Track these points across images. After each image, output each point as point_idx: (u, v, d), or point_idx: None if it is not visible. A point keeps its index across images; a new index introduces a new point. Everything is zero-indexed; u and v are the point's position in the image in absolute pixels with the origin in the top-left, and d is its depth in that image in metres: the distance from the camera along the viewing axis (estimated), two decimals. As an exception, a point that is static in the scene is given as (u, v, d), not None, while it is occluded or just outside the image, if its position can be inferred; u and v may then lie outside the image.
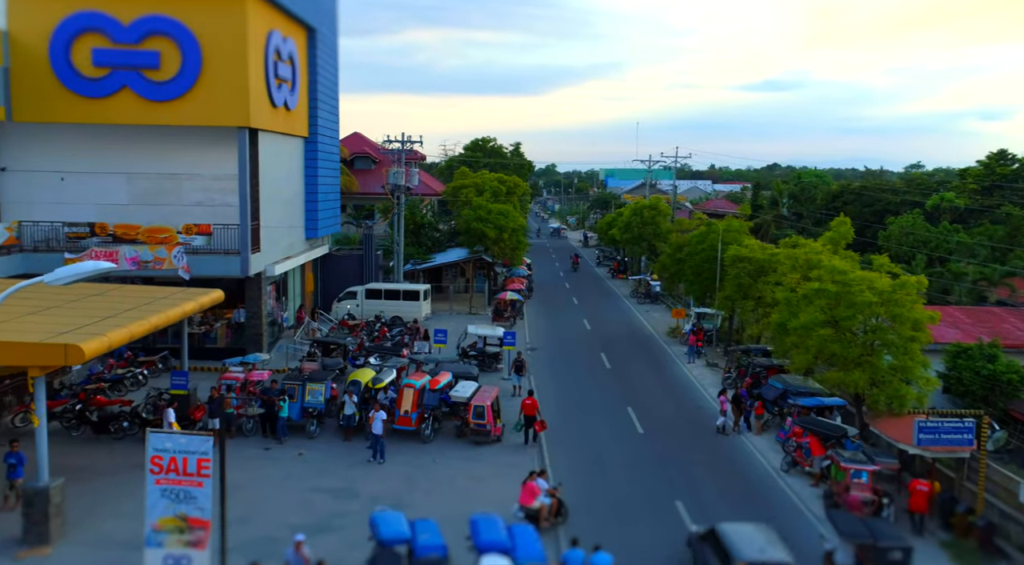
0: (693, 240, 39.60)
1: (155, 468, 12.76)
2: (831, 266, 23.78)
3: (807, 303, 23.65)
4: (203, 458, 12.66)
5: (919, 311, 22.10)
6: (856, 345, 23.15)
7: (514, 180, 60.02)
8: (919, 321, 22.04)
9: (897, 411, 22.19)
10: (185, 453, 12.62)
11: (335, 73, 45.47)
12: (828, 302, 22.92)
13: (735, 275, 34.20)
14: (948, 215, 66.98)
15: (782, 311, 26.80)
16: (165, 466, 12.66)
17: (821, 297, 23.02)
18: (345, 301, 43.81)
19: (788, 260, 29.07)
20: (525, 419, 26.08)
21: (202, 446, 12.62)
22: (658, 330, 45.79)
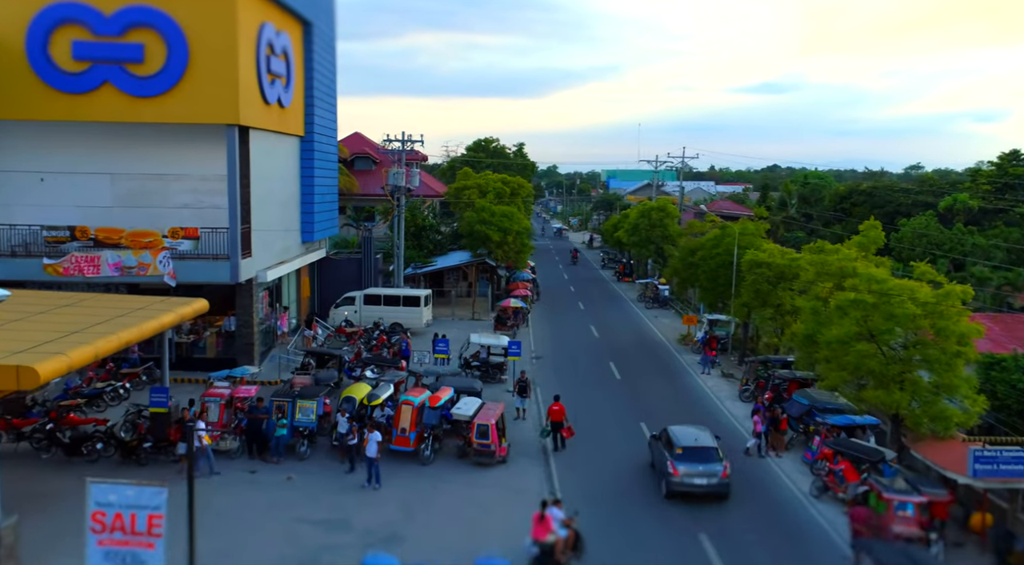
0: (708, 244, 37.40)
1: (97, 526, 10.57)
2: (868, 274, 21.60)
3: (841, 315, 21.46)
4: (155, 514, 10.47)
5: (965, 324, 19.94)
6: (896, 361, 20.96)
7: (518, 181, 57.87)
8: (965, 335, 19.88)
9: (941, 433, 20.02)
10: (134, 508, 10.44)
11: (333, 70, 43.35)
12: (864, 314, 20.75)
13: (753, 281, 32.02)
14: (962, 217, 64.76)
15: (808, 322, 24.64)
16: (109, 524, 10.47)
17: (857, 308, 20.84)
18: (343, 307, 41.67)
19: (813, 266, 26.88)
20: (552, 425, 25.06)
21: (154, 499, 10.44)
22: (668, 337, 43.63)
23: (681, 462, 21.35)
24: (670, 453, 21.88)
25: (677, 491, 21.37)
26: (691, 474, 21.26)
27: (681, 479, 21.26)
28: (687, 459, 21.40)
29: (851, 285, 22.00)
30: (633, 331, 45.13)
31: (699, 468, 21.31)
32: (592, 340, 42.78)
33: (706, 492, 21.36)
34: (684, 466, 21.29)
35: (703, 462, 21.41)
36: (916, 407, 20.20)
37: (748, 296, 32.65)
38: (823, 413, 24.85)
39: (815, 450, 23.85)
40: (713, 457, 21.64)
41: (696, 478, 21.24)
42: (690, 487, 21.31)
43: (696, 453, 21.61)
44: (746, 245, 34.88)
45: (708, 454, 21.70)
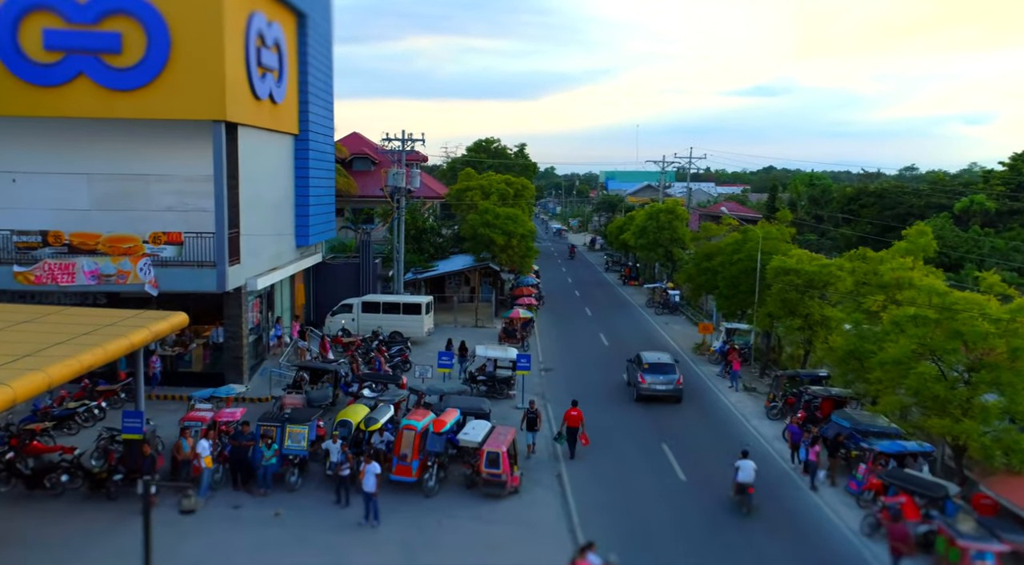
0: (727, 248, 34.77)
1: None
2: (929, 286, 19.03)
3: (898, 331, 18.89)
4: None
5: (1043, 343, 17.36)
6: (961, 385, 18.37)
7: (522, 182, 55.25)
8: (1043, 356, 17.31)
9: (1017, 468, 17.44)
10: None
11: (329, 64, 40.71)
12: (926, 331, 18.18)
13: (780, 290, 29.41)
14: (978, 219, 62.26)
15: (849, 337, 22.05)
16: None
17: (918, 325, 18.27)
18: (339, 315, 39.04)
19: (855, 275, 24.29)
20: (568, 431, 24.02)
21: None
22: (682, 346, 41.03)
23: (648, 374, 29.83)
24: (640, 369, 30.27)
25: (644, 395, 29.72)
26: (654, 382, 29.63)
27: (648, 386, 29.68)
28: (652, 372, 29.92)
29: (908, 298, 19.44)
30: (644, 339, 42.54)
31: (660, 378, 29.66)
32: (602, 349, 40.18)
33: (665, 395, 29.68)
34: (650, 376, 29.71)
35: (663, 374, 29.78)
36: (987, 437, 17.59)
37: (774, 305, 30.05)
38: (867, 437, 22.26)
39: (861, 479, 21.27)
40: (671, 370, 30.04)
41: (658, 385, 29.62)
42: (653, 392, 29.66)
43: (659, 367, 30.09)
44: (770, 250, 32.27)
45: (667, 368, 30.10)
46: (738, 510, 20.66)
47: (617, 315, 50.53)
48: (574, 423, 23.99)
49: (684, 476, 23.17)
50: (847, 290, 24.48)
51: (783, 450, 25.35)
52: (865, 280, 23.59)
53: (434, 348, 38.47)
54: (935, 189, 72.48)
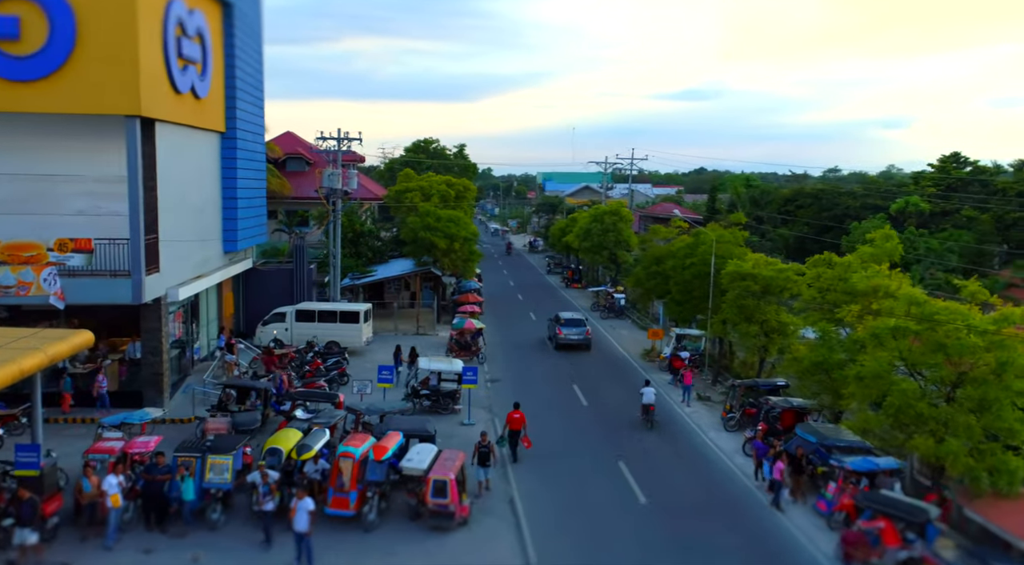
0: (679, 252, 33.29)
1: None
2: (909, 295, 17.67)
3: (876, 344, 17.47)
4: None
5: (1031, 355, 16.09)
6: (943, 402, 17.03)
7: (463, 183, 53.06)
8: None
9: (1004, 491, 16.15)
10: None
11: (259, 59, 37.99)
12: (907, 344, 16.79)
13: (736, 296, 28.00)
14: (913, 220, 62.53)
15: (817, 349, 20.65)
16: None
17: (898, 337, 16.87)
18: (272, 325, 36.37)
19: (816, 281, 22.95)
20: (510, 434, 23.56)
21: None
22: (630, 351, 39.50)
23: (563, 327, 38.85)
24: (558, 324, 39.48)
25: (561, 344, 38.69)
26: (569, 334, 38.61)
27: (564, 337, 38.57)
28: (567, 326, 38.99)
29: (886, 308, 18.06)
30: (592, 345, 40.87)
31: (573, 330, 38.74)
32: (549, 356, 38.38)
33: (577, 343, 38.69)
34: (565, 329, 38.76)
35: (576, 327, 38.97)
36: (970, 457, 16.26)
37: (730, 312, 28.62)
38: (834, 452, 20.88)
39: (831, 499, 19.86)
40: (581, 324, 39.36)
41: (572, 336, 38.59)
42: (568, 341, 38.61)
43: (572, 322, 39.50)
44: (724, 254, 30.87)
45: (579, 322, 39.59)
46: (643, 426, 26.83)
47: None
48: (516, 426, 23.50)
49: (644, 498, 21.44)
50: (810, 298, 23.12)
51: (744, 465, 23.88)
52: (830, 286, 22.25)
53: (374, 358, 36.19)
54: (870, 191, 72.88)
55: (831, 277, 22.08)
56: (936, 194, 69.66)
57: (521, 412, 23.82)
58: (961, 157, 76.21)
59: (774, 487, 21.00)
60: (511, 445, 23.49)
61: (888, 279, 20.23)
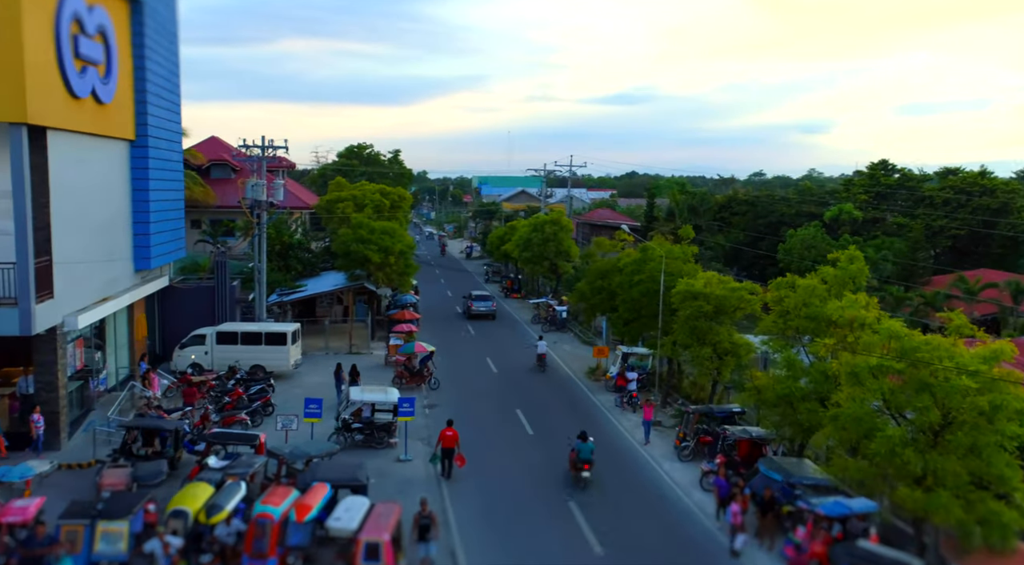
0: (626, 268, 31.30)
1: None
2: (890, 328, 15.91)
3: (853, 382, 15.67)
4: None
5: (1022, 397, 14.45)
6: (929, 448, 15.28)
7: (398, 192, 50.26)
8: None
9: (998, 545, 14.48)
10: None
11: (174, 60, 34.71)
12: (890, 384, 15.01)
13: (688, 317, 26.13)
14: (847, 227, 62.30)
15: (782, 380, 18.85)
16: None
17: (880, 375, 15.08)
18: (190, 348, 33.15)
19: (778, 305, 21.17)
20: (443, 451, 23.01)
21: None
22: (574, 370, 37.45)
23: (474, 302, 50.08)
24: (470, 299, 50.95)
25: (472, 314, 49.83)
26: (479, 307, 49.70)
27: (475, 309, 49.69)
28: (476, 301, 50.24)
29: (865, 343, 16.28)
30: (534, 363, 38.71)
31: (481, 304, 49.94)
32: (490, 377, 36.03)
33: (484, 314, 49.91)
34: (475, 303, 50.08)
35: (484, 302, 50.10)
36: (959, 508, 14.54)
37: (682, 334, 26.75)
38: (803, 491, 19.09)
39: (800, 545, 18.01)
40: (488, 299, 51.09)
41: (481, 308, 49.73)
42: (478, 312, 49.77)
43: (480, 298, 50.85)
44: (674, 271, 29.03)
45: (486, 298, 51.17)
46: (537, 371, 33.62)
47: (503, 334, 46.54)
48: (449, 443, 23.00)
49: (599, 547, 19.27)
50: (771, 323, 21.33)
51: (703, 501, 21.98)
52: (793, 311, 20.49)
53: (303, 382, 33.37)
54: (804, 198, 72.65)
55: (795, 302, 20.34)
56: (866, 201, 69.89)
57: (454, 430, 23.18)
58: (889, 164, 76.90)
59: (733, 531, 19.09)
60: (445, 464, 22.95)
61: (865, 310, 18.55)
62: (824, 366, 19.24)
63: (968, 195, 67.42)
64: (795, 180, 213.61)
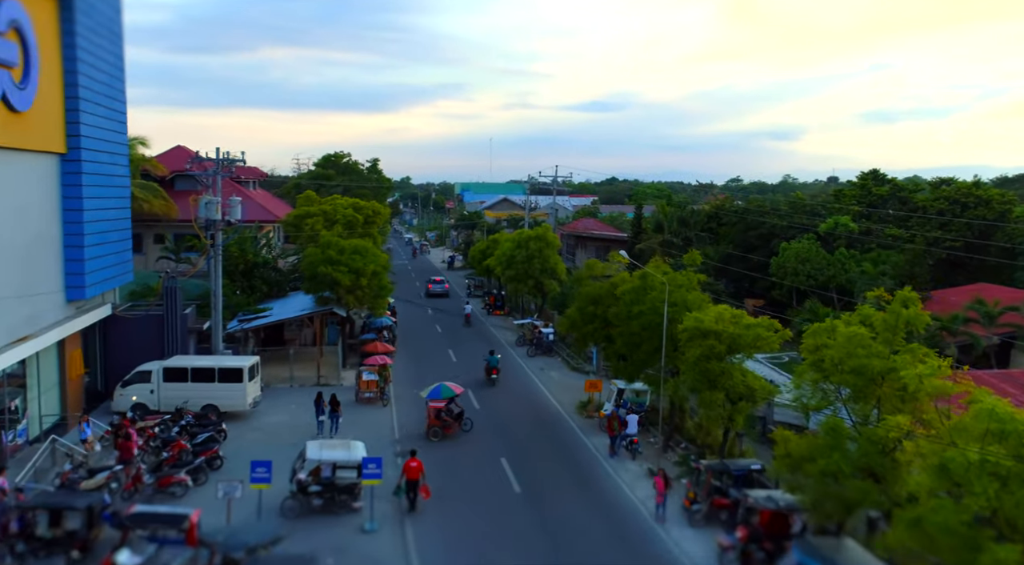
0: (624, 296, 27.39)
1: None
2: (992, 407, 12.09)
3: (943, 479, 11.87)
4: None
5: None
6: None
7: (373, 206, 46.08)
8: None
9: None
10: None
11: (118, 63, 30.60)
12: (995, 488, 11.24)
13: (699, 359, 22.28)
14: (843, 240, 58.88)
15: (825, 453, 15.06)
16: None
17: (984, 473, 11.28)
18: (133, 387, 28.95)
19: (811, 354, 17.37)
20: (407, 483, 21.61)
21: None
22: (564, 403, 33.51)
23: (432, 284, 66.14)
24: (428, 282, 67.15)
25: (429, 294, 64.60)
26: (435, 288, 65.43)
27: (432, 290, 65.14)
28: (434, 284, 66.12)
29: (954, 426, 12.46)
30: (520, 395, 34.80)
31: (438, 286, 65.84)
32: (473, 413, 31.96)
33: (440, 294, 64.80)
34: (433, 285, 65.86)
35: (439, 285, 66.18)
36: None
37: (692, 377, 22.90)
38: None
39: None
40: (442, 283, 66.73)
41: (436, 289, 65.31)
42: (434, 292, 64.78)
43: (436, 282, 66.73)
44: (679, 301, 25.20)
45: (441, 282, 67.10)
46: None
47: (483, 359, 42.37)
48: (414, 475, 21.56)
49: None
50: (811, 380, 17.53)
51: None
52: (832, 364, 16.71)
53: (261, 424, 29.32)
54: (796, 209, 69.19)
55: (838, 354, 16.55)
56: (858, 213, 66.58)
57: (419, 460, 21.80)
58: (879, 174, 73.73)
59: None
60: (409, 497, 21.60)
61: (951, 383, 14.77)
62: (876, 434, 15.50)
63: (963, 206, 64.45)
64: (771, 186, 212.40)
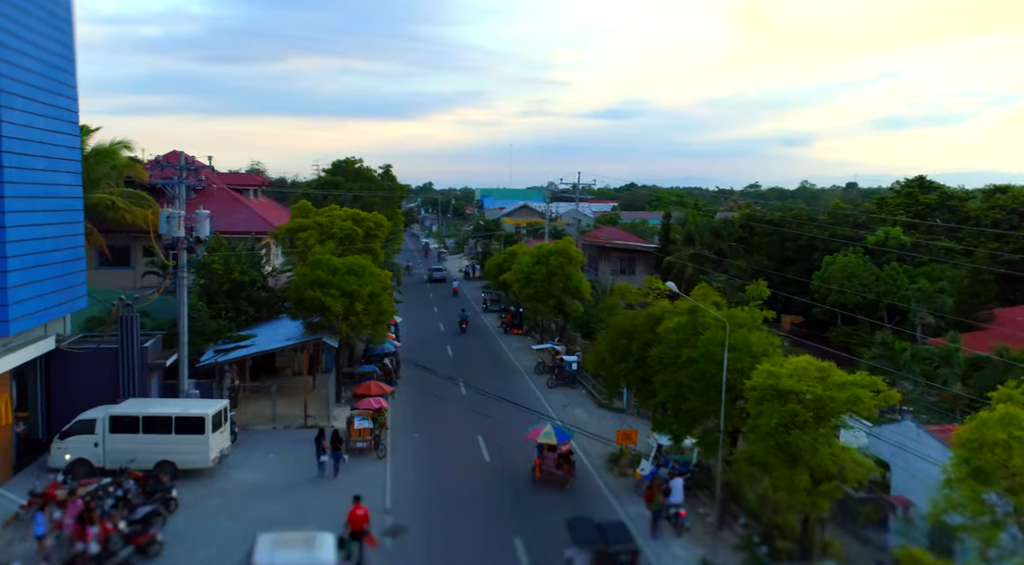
0: (669, 336, 21.46)
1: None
2: None
3: None
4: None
5: None
6: None
7: (375, 219, 40.32)
8: None
9: None
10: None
11: (62, 49, 25.26)
12: None
13: (774, 428, 16.47)
14: (894, 255, 52.53)
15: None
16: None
17: None
18: (73, 439, 23.52)
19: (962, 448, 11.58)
20: (351, 534, 18.51)
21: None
22: (591, 454, 27.62)
23: (432, 271, 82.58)
24: (430, 270, 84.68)
25: (430, 279, 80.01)
26: (434, 273, 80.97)
27: (432, 274, 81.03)
28: (435, 271, 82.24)
29: None
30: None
31: (437, 273, 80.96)
32: (482, 469, 26.26)
33: (439, 278, 79.75)
34: (434, 272, 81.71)
35: (438, 271, 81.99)
36: None
37: (762, 450, 17.09)
38: None
39: None
40: (441, 270, 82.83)
41: (436, 274, 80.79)
42: (433, 277, 80.00)
43: (437, 270, 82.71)
44: (739, 345, 19.40)
45: (440, 270, 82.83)
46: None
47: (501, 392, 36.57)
48: (359, 524, 18.73)
49: None
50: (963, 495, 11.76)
51: None
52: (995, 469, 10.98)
53: (228, 486, 23.89)
54: (837, 219, 62.84)
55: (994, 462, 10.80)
56: (907, 223, 60.17)
57: (364, 507, 18.97)
58: (926, 181, 67.24)
59: None
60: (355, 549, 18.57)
61: None
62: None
63: (1021, 215, 57.88)
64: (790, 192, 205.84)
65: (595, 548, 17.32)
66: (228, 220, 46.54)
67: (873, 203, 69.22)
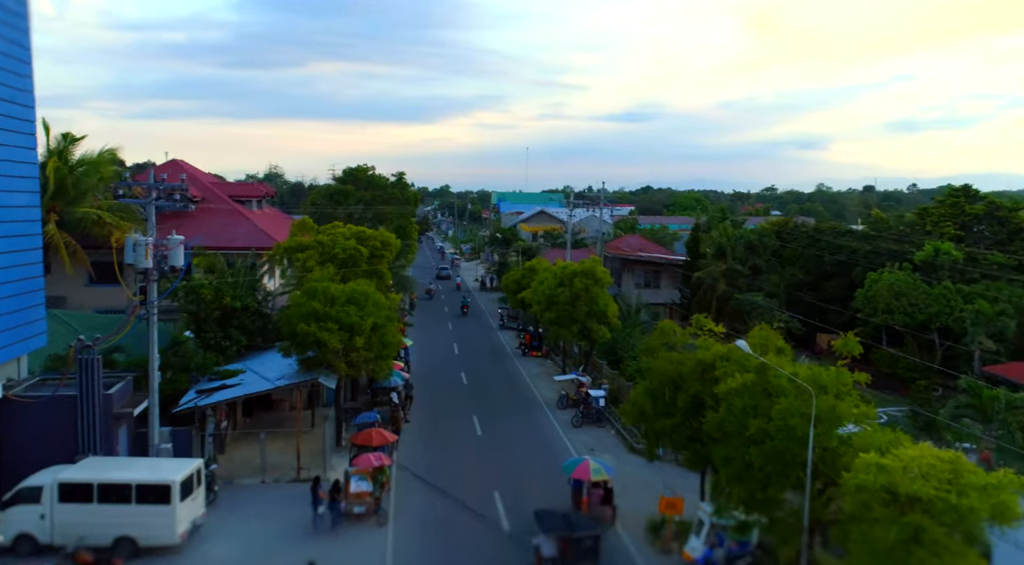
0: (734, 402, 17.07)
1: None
2: None
3: None
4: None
5: None
6: None
7: (382, 236, 36.11)
8: None
9: None
10: None
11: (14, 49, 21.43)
12: None
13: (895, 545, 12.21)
14: (946, 272, 47.91)
15: None
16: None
17: None
18: (16, 510, 19.62)
19: None
20: None
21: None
22: (626, 516, 23.35)
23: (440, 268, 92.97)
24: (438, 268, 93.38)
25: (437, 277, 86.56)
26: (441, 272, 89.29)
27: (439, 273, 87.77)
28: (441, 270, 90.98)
29: None
30: (565, 499, 24.66)
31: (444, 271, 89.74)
32: (498, 540, 22.09)
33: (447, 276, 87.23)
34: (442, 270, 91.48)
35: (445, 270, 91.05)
36: None
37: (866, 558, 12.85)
38: None
39: None
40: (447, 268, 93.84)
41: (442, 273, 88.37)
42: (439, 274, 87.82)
43: (443, 270, 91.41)
44: (825, 416, 15.12)
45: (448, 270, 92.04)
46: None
47: (519, 431, 32.33)
48: None
49: None
50: None
51: None
52: None
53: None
54: (880, 232, 58.11)
55: None
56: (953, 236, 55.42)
57: None
58: (972, 190, 62.27)
59: None
60: None
61: None
62: None
63: (1079, 227, 52.99)
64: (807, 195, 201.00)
65: (561, 534, 18.87)
66: (227, 235, 42.79)
67: (915, 213, 64.27)
